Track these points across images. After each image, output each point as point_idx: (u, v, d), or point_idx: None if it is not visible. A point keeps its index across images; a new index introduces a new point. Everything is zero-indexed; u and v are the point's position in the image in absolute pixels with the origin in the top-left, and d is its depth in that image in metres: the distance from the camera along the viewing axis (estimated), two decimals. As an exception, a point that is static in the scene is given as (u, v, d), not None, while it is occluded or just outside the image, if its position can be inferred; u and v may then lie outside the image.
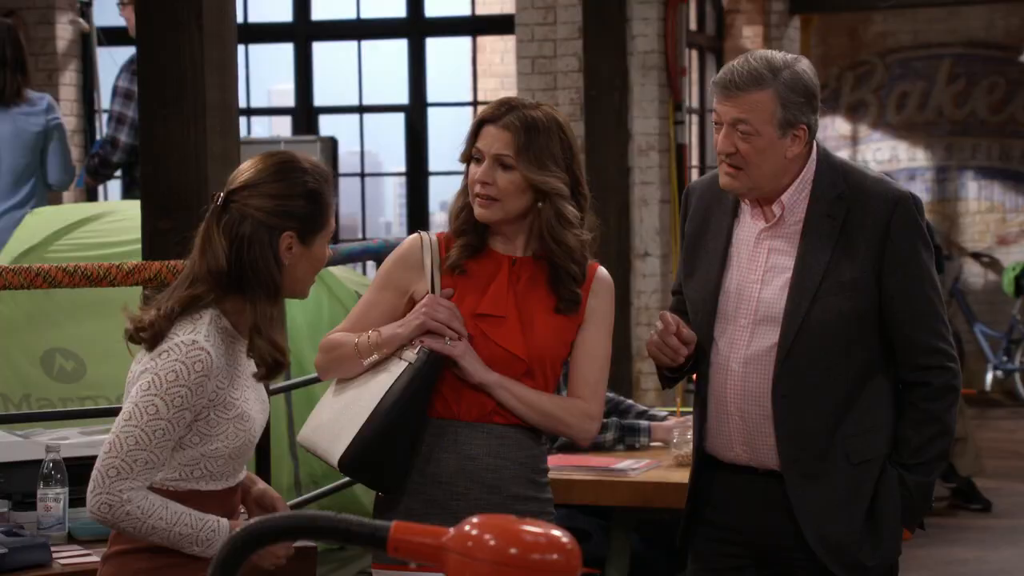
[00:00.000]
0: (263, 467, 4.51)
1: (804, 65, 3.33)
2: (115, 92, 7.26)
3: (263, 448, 4.51)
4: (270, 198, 2.99)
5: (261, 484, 3.18)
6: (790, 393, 3.32)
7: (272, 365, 2.98)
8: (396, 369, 3.30)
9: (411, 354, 3.29)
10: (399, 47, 11.19)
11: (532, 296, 3.34)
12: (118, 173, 7.58)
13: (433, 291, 3.34)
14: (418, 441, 3.30)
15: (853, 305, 3.31)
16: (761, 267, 3.37)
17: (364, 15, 11.34)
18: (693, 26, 9.82)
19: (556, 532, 1.66)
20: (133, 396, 2.91)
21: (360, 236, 11.65)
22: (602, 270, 3.42)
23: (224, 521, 2.96)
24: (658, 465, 4.68)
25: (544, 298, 3.35)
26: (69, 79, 9.54)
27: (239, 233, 2.97)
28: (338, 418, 3.32)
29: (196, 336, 2.91)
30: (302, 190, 3.01)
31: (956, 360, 3.39)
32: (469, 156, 3.34)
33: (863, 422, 3.35)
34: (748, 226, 3.41)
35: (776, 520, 3.38)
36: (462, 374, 3.28)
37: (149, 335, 2.95)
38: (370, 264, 9.82)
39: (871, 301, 3.33)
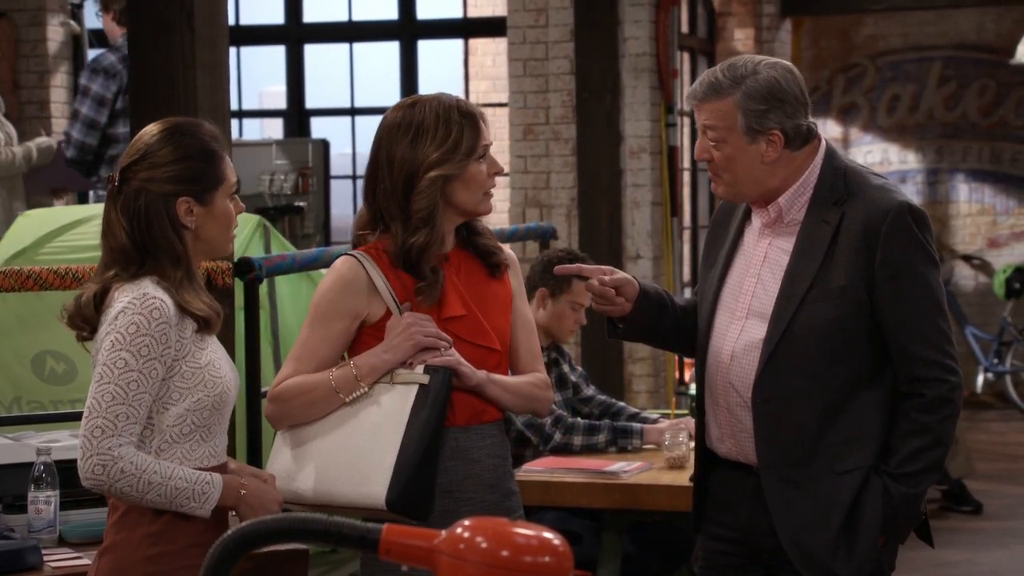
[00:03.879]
0: (256, 467, 4.50)
1: (775, 72, 3.29)
2: (77, 89, 7.25)
3: (255, 445, 4.51)
4: (159, 167, 2.98)
5: (249, 471, 3.18)
6: (771, 398, 3.30)
7: (200, 322, 2.98)
8: (390, 397, 3.19)
9: (415, 375, 3.18)
10: (391, 49, 11.19)
11: (474, 285, 3.33)
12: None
13: (398, 310, 3.24)
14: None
15: (840, 313, 3.27)
16: (759, 263, 3.37)
17: (356, 17, 11.34)
18: (685, 28, 9.83)
19: (547, 534, 1.66)
20: (100, 359, 2.93)
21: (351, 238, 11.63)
22: (506, 247, 3.46)
23: (217, 475, 2.98)
24: (650, 467, 4.68)
25: (482, 282, 3.34)
26: (60, 81, 9.53)
27: (135, 208, 2.98)
28: (351, 461, 3.16)
29: (146, 290, 2.93)
30: (191, 151, 3.00)
31: (957, 374, 3.28)
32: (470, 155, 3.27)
33: (848, 432, 3.31)
34: (754, 223, 3.43)
35: (765, 520, 3.37)
36: (459, 380, 3.24)
37: (80, 321, 2.98)
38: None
39: (860, 311, 3.28)
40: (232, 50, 9.75)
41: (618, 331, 3.50)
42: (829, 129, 12.83)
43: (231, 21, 8.04)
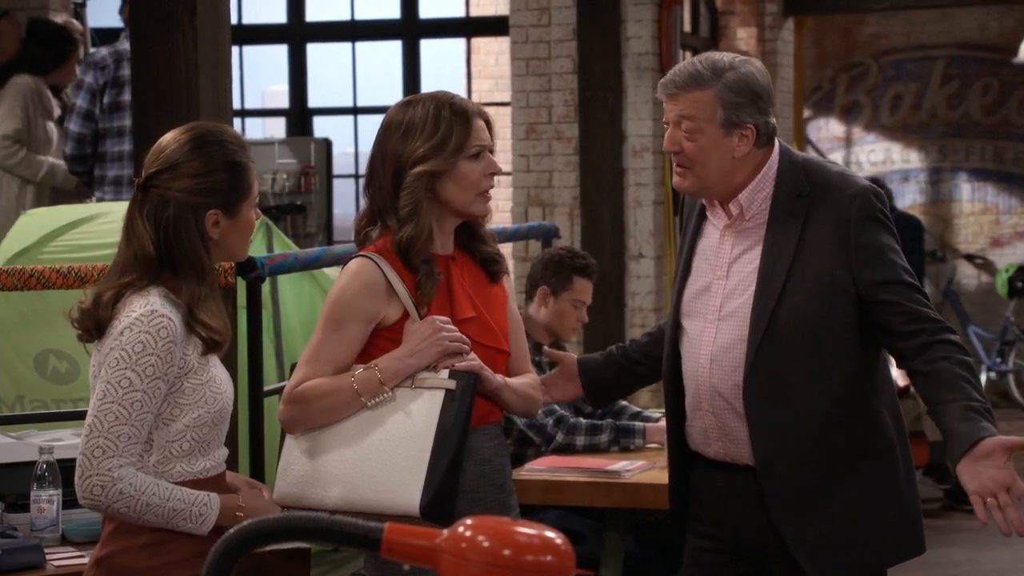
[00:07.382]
0: (258, 470, 4.51)
1: (752, 67, 3.33)
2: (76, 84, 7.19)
3: (257, 445, 4.51)
4: (190, 178, 2.96)
5: (242, 480, 3.17)
6: (763, 395, 3.30)
7: (209, 343, 2.96)
8: (417, 403, 3.15)
9: (441, 380, 3.15)
10: (393, 48, 11.20)
11: (478, 286, 3.32)
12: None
13: (416, 312, 3.20)
14: None
15: (821, 303, 3.29)
16: (725, 263, 3.38)
17: (358, 16, 11.34)
18: (687, 28, 9.83)
19: (550, 533, 1.66)
20: (104, 376, 2.90)
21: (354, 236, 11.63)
22: (507, 247, 3.45)
23: (215, 496, 2.96)
24: (652, 466, 4.68)
25: (483, 284, 3.33)
26: (63, 80, 9.52)
27: (163, 218, 2.95)
28: (380, 468, 3.11)
29: (153, 307, 2.90)
30: (221, 163, 2.98)
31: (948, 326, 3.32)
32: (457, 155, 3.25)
33: (849, 421, 3.32)
34: (713, 223, 3.43)
35: (754, 517, 3.37)
36: (479, 385, 3.20)
37: (92, 323, 2.94)
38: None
39: (841, 298, 3.30)
40: (235, 49, 9.74)
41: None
42: (832, 128, 12.83)
43: (233, 20, 8.04)
